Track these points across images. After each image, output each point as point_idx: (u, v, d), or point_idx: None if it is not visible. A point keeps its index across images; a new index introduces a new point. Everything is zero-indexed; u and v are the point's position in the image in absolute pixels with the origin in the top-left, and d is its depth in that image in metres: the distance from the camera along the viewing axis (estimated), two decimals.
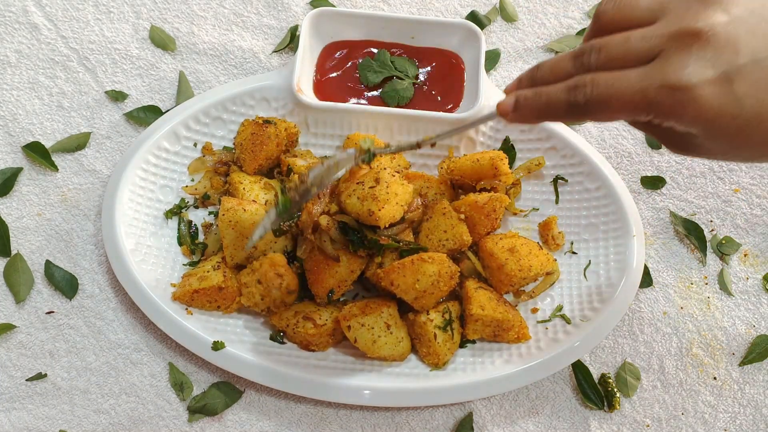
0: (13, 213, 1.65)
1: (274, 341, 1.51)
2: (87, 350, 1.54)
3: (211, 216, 1.64)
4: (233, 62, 1.82)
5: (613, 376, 1.55)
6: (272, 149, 1.62)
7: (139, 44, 1.83)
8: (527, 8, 1.92)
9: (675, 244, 1.67)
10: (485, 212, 1.53)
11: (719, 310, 1.62)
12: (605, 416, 1.52)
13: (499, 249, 1.52)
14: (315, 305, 1.51)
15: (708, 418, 1.53)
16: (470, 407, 1.52)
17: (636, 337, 1.59)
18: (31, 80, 1.78)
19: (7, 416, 1.49)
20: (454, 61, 1.75)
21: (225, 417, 1.50)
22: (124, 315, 1.57)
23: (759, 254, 1.67)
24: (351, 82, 1.74)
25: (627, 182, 1.72)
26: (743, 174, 1.74)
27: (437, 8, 1.91)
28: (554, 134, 1.67)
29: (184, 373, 1.53)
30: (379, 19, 1.76)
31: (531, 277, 1.53)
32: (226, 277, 1.50)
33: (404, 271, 1.44)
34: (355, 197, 1.46)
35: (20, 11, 1.85)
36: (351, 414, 1.51)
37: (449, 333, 1.48)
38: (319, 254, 1.48)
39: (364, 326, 1.44)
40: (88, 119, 1.75)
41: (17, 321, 1.56)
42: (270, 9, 1.89)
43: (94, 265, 1.61)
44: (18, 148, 1.71)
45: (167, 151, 1.65)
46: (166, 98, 1.78)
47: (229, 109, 1.69)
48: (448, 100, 1.72)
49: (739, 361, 1.57)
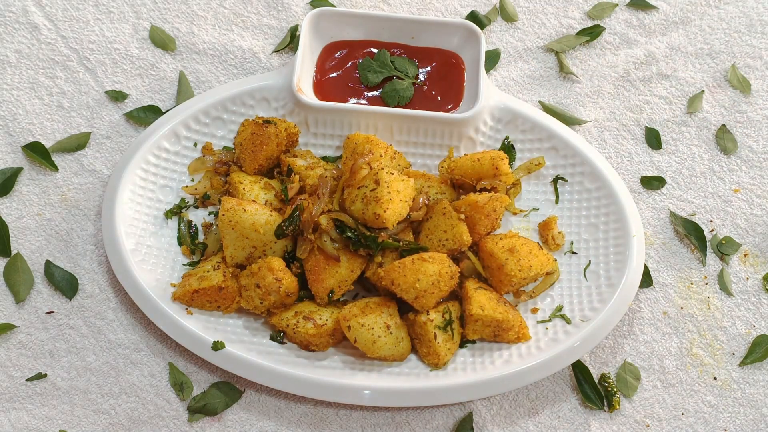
0: (13, 213, 1.65)
1: (274, 341, 1.51)
2: (87, 350, 1.54)
3: (211, 216, 1.63)
4: (233, 62, 1.82)
5: (613, 376, 1.55)
6: (272, 149, 1.62)
7: (139, 44, 1.83)
8: (527, 8, 1.92)
9: (675, 244, 1.67)
10: (485, 212, 1.53)
11: (719, 310, 1.61)
12: (605, 416, 1.52)
13: (499, 249, 1.52)
14: (315, 305, 1.51)
15: (708, 418, 1.53)
16: (470, 407, 1.52)
17: (636, 337, 1.59)
18: (31, 80, 1.78)
19: (6, 416, 1.49)
20: (454, 61, 1.75)
21: (225, 417, 1.50)
22: (124, 315, 1.57)
23: (759, 254, 1.67)
24: (351, 82, 1.74)
25: (627, 182, 1.72)
26: (743, 174, 1.74)
27: (437, 8, 1.91)
28: (554, 134, 1.67)
29: (184, 373, 1.53)
30: (379, 19, 1.76)
31: (531, 277, 1.53)
32: (226, 277, 1.50)
33: (405, 270, 1.44)
34: (358, 202, 1.47)
35: (20, 11, 1.85)
36: (351, 414, 1.51)
37: (449, 333, 1.48)
38: (319, 254, 1.48)
39: (364, 326, 1.44)
40: (88, 119, 1.75)
41: (17, 321, 1.56)
42: (270, 9, 1.89)
43: (94, 265, 1.61)
44: (18, 148, 1.71)
45: (167, 151, 1.65)
46: (166, 98, 1.78)
47: (229, 109, 1.69)
48: (448, 100, 1.72)
49: (739, 361, 1.57)
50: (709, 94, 1.82)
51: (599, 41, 1.88)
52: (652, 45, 1.87)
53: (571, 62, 1.85)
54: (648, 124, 1.79)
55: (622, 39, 1.88)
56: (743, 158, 1.76)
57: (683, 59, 1.86)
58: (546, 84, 1.83)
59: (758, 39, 1.88)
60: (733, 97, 1.82)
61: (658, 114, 1.80)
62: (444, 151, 1.68)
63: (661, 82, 1.84)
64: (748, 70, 1.85)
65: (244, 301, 1.50)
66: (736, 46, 1.88)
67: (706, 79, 1.84)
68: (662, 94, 1.82)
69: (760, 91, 1.83)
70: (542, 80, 1.83)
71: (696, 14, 1.91)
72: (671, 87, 1.83)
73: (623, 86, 1.83)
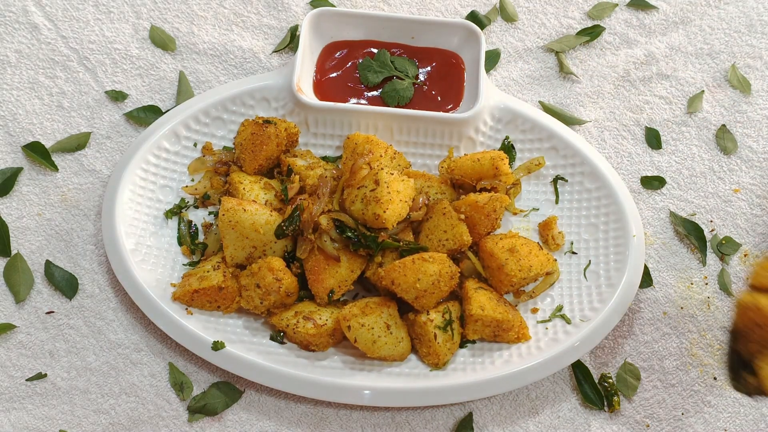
0: (13, 213, 1.65)
1: (274, 341, 1.51)
2: (87, 350, 1.54)
3: (211, 216, 1.63)
4: (233, 62, 1.82)
5: (613, 376, 1.55)
6: (272, 149, 1.62)
7: (139, 44, 1.83)
8: (527, 8, 1.92)
9: (675, 244, 1.67)
10: (485, 212, 1.53)
11: (719, 310, 1.61)
12: (605, 416, 1.52)
13: (499, 249, 1.52)
14: (315, 305, 1.51)
15: (708, 418, 1.53)
16: (470, 407, 1.52)
17: (636, 337, 1.59)
18: (31, 80, 1.78)
19: (6, 416, 1.49)
20: (454, 61, 1.75)
21: (225, 417, 1.50)
22: (124, 315, 1.57)
23: (759, 254, 1.67)
24: (351, 82, 1.74)
25: (627, 182, 1.72)
26: (743, 174, 1.74)
27: (437, 8, 1.91)
28: (554, 134, 1.67)
29: (184, 373, 1.53)
30: (379, 19, 1.76)
31: (531, 277, 1.53)
32: (226, 277, 1.50)
33: (405, 270, 1.44)
34: (358, 202, 1.47)
35: (20, 11, 1.85)
36: (351, 414, 1.51)
37: (449, 333, 1.48)
38: (319, 254, 1.48)
39: (364, 326, 1.44)
40: (88, 119, 1.75)
41: (17, 321, 1.56)
42: (270, 9, 1.89)
43: (94, 265, 1.61)
44: (18, 148, 1.71)
45: (167, 151, 1.65)
46: (166, 98, 1.78)
47: (229, 109, 1.69)
48: (448, 100, 1.72)
49: None
50: (709, 94, 1.82)
51: (599, 41, 1.88)
52: (652, 45, 1.87)
53: (571, 62, 1.85)
54: (648, 124, 1.79)
55: (622, 39, 1.88)
56: (743, 158, 1.76)
57: (683, 59, 1.86)
58: (546, 84, 1.83)
59: (758, 39, 1.88)
60: (733, 97, 1.82)
61: (658, 114, 1.80)
62: (444, 151, 1.68)
63: (661, 82, 1.84)
64: (748, 70, 1.85)
65: (244, 301, 1.50)
66: (736, 46, 1.87)
67: (706, 79, 1.84)
68: (662, 94, 1.82)
69: (760, 91, 1.83)
70: (542, 80, 1.83)
71: (696, 14, 1.91)
72: (671, 87, 1.83)
73: (623, 86, 1.83)
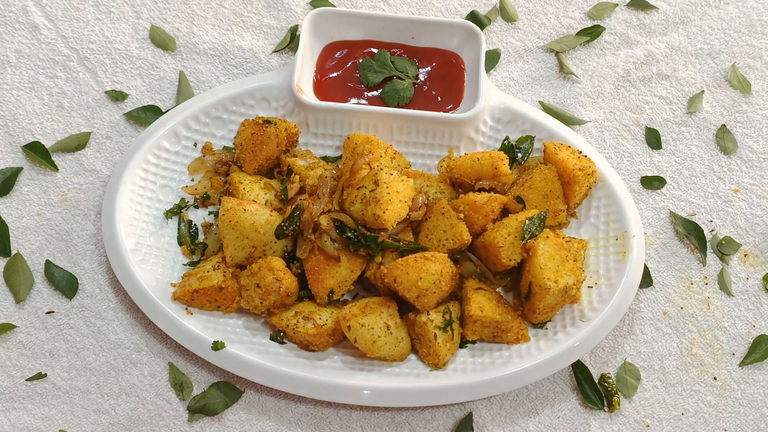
0: (13, 213, 1.65)
1: (274, 341, 1.51)
2: (87, 350, 1.54)
3: (211, 216, 1.63)
4: (233, 62, 1.82)
5: (613, 376, 1.55)
6: (272, 149, 1.62)
7: (139, 44, 1.83)
8: (527, 8, 1.92)
9: (675, 244, 1.67)
10: (484, 212, 1.53)
11: (719, 310, 1.61)
12: (605, 416, 1.52)
13: (500, 234, 1.51)
14: (315, 305, 1.51)
15: (708, 418, 1.53)
16: (470, 407, 1.52)
17: (636, 337, 1.59)
18: (31, 80, 1.78)
19: (6, 416, 1.49)
20: (454, 61, 1.75)
21: (225, 417, 1.50)
22: (124, 315, 1.57)
23: (759, 254, 1.67)
24: (351, 82, 1.74)
25: (627, 182, 1.72)
26: (743, 174, 1.74)
27: (437, 8, 1.91)
28: (554, 134, 1.67)
29: (184, 373, 1.53)
30: (379, 19, 1.76)
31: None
32: (226, 277, 1.50)
33: (408, 268, 1.44)
34: (358, 203, 1.47)
35: (20, 11, 1.85)
36: (351, 414, 1.51)
37: (449, 333, 1.48)
38: (319, 254, 1.48)
39: (364, 326, 1.44)
40: (88, 119, 1.75)
41: (17, 321, 1.56)
42: (270, 9, 1.89)
43: (94, 265, 1.61)
44: (18, 148, 1.71)
45: (167, 151, 1.65)
46: (166, 98, 1.78)
47: (229, 109, 1.69)
48: (448, 100, 1.72)
49: (739, 361, 1.57)
50: (709, 94, 1.82)
51: (599, 41, 1.88)
52: (652, 45, 1.87)
53: (571, 62, 1.85)
54: (648, 124, 1.79)
55: (622, 39, 1.88)
56: (743, 158, 1.76)
57: (683, 59, 1.86)
58: (546, 84, 1.83)
59: (758, 39, 1.88)
60: (733, 97, 1.82)
61: (658, 114, 1.80)
62: (444, 151, 1.68)
63: (661, 82, 1.84)
64: (748, 70, 1.85)
65: (244, 301, 1.51)
66: (736, 46, 1.88)
67: (706, 79, 1.84)
68: (662, 94, 1.82)
69: (760, 91, 1.83)
70: (542, 80, 1.83)
71: (696, 14, 1.91)
72: (671, 87, 1.83)
73: (623, 86, 1.83)
